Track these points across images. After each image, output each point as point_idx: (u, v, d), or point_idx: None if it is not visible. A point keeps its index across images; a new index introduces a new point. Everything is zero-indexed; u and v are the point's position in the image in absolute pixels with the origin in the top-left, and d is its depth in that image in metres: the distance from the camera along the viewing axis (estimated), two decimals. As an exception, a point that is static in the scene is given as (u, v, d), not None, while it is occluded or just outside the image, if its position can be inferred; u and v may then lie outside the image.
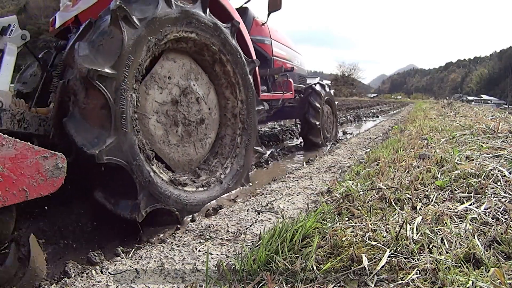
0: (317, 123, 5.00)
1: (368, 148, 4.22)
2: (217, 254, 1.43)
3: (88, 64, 1.73)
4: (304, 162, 3.62)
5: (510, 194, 1.51)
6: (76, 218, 2.02)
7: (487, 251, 1.09)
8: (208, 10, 2.41)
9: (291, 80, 4.49)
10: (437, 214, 1.40)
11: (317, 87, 5.18)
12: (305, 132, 5.14)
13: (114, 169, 1.83)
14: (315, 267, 1.11)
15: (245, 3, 4.15)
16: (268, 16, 4.17)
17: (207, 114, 2.55)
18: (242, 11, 3.94)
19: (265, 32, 4.24)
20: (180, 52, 2.41)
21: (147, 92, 2.16)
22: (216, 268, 1.25)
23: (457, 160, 2.11)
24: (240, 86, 2.71)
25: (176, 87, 2.34)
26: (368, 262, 1.10)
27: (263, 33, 4.20)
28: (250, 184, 2.74)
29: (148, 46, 2.01)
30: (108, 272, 1.30)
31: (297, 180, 2.74)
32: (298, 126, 7.01)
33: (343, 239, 1.27)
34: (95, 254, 1.51)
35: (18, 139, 1.29)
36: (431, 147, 2.90)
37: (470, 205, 1.48)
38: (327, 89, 5.45)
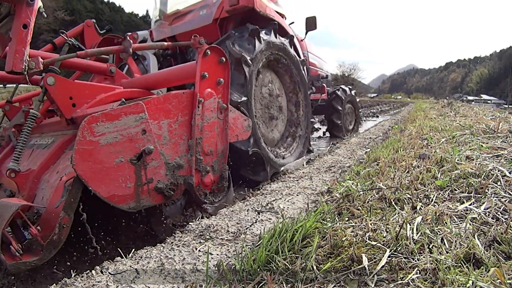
0: (339, 122, 6.55)
1: (368, 148, 4.22)
2: (217, 254, 1.43)
3: (240, 53, 3.10)
4: (304, 162, 3.62)
5: (510, 194, 1.51)
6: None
7: (487, 251, 1.08)
8: (292, 46, 3.96)
9: (324, 84, 6.01)
10: (437, 214, 1.40)
11: (339, 93, 6.60)
12: (330, 128, 6.95)
13: None
14: (315, 267, 1.11)
15: (289, 24, 5.08)
16: (306, 34, 5.55)
17: (281, 113, 3.96)
18: None
19: (303, 47, 5.42)
20: (282, 82, 4.04)
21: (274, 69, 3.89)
22: (216, 268, 1.25)
23: (457, 160, 2.11)
24: (303, 98, 4.15)
25: (278, 89, 3.92)
26: (368, 262, 1.09)
27: (302, 48, 5.17)
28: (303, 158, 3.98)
29: (264, 55, 3.45)
30: (108, 272, 1.30)
31: (297, 180, 2.74)
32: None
33: (343, 239, 1.27)
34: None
35: (235, 108, 2.31)
36: (431, 147, 2.90)
37: (470, 205, 1.48)
38: (349, 92, 6.92)
